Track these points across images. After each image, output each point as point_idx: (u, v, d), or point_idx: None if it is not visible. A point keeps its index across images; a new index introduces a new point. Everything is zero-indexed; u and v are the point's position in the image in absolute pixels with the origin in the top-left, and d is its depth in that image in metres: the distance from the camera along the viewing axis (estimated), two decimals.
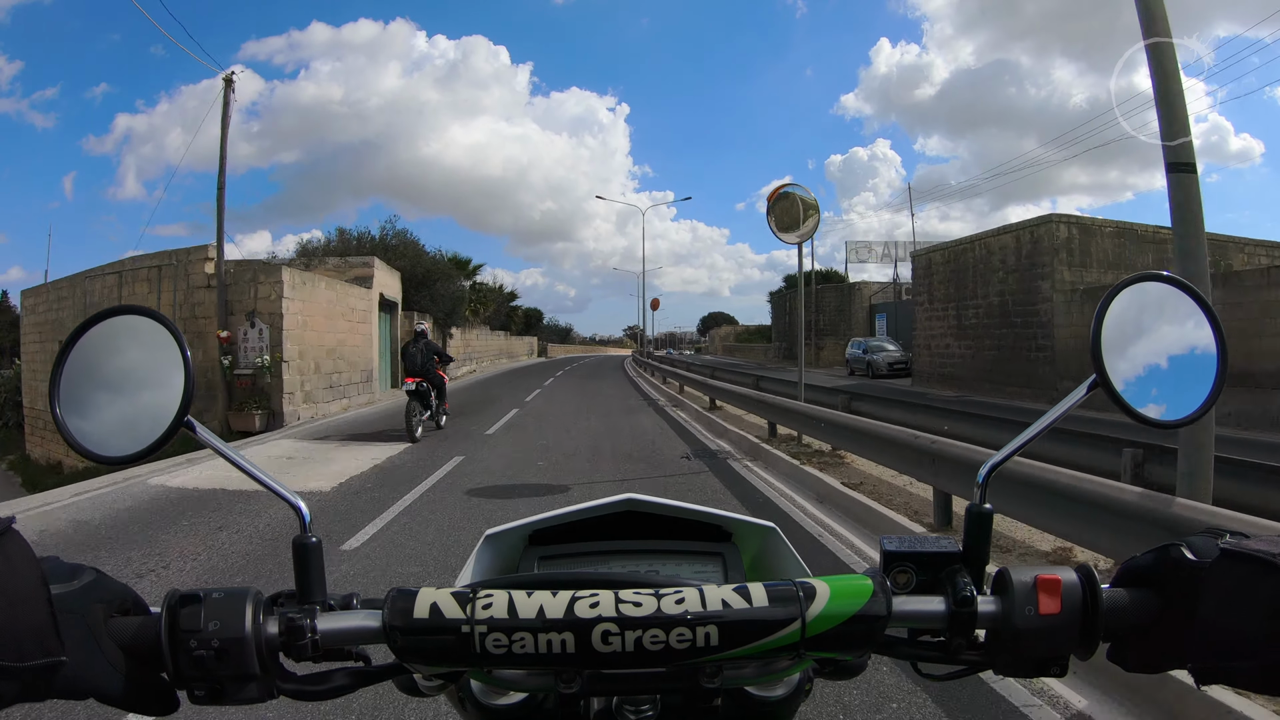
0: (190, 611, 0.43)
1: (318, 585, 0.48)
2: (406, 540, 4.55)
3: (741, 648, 0.41)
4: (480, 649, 0.41)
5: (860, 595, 0.43)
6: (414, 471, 6.88)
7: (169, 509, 5.55)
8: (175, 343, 0.52)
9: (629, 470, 6.99)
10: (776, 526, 0.65)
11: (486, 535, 0.63)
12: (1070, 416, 0.52)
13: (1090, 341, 0.52)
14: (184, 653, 0.42)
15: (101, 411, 0.53)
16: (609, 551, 0.67)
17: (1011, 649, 0.44)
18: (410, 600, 0.42)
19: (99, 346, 0.53)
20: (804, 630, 0.41)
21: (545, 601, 0.42)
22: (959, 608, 0.45)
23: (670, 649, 0.41)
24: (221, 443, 0.52)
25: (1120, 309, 0.54)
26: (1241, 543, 0.42)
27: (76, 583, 0.42)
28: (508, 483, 6.40)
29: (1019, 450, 0.52)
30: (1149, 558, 0.46)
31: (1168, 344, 0.55)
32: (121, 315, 0.53)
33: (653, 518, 0.67)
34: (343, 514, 5.23)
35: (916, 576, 0.48)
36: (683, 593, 0.42)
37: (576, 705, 0.47)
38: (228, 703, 0.43)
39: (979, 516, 0.49)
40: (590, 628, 0.40)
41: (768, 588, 0.43)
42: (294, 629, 0.44)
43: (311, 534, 0.49)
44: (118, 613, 0.44)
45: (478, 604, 0.42)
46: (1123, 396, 0.52)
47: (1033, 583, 0.44)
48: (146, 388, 0.52)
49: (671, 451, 8.16)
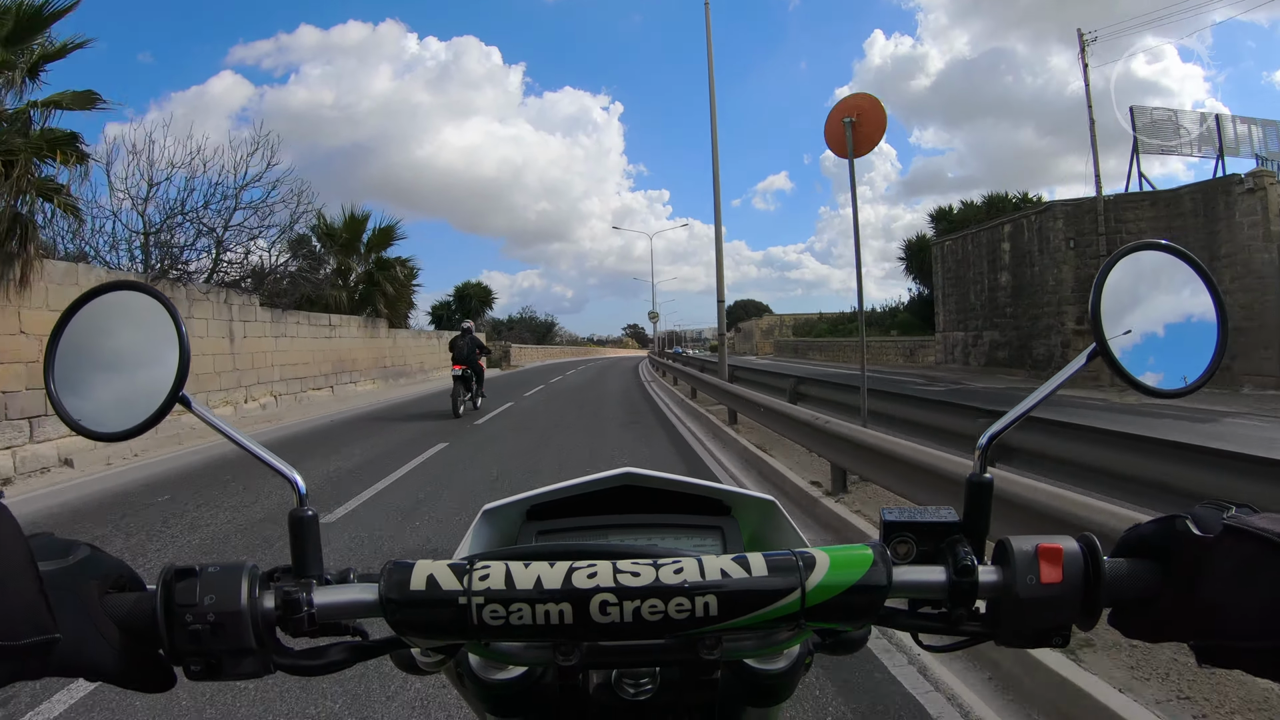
0: (186, 585, 0.42)
1: (314, 559, 0.47)
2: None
3: (741, 617, 0.41)
4: (477, 620, 0.41)
5: (860, 565, 0.42)
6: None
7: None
8: (170, 318, 0.51)
9: None
10: (775, 500, 0.65)
11: (484, 510, 0.63)
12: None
13: (1089, 311, 0.52)
14: (180, 627, 0.42)
15: (96, 388, 0.52)
16: (607, 525, 0.66)
17: (1013, 619, 0.44)
18: (407, 573, 0.42)
19: (94, 323, 0.52)
20: (804, 600, 0.41)
21: (543, 572, 0.41)
22: (960, 577, 0.45)
23: (669, 619, 0.40)
24: (217, 418, 0.51)
25: (1119, 278, 0.53)
26: (1246, 519, 0.41)
27: (70, 559, 0.42)
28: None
29: (1018, 420, 0.51)
30: (1152, 527, 0.45)
31: (1167, 313, 0.55)
32: (116, 291, 0.53)
33: (651, 491, 0.67)
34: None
35: (917, 547, 0.48)
36: (681, 563, 0.42)
37: (575, 679, 0.47)
38: (224, 678, 0.43)
39: (978, 486, 0.49)
40: (588, 598, 0.40)
41: (767, 557, 0.42)
42: (290, 603, 0.44)
43: (307, 507, 0.49)
44: (113, 588, 0.44)
45: (474, 575, 0.41)
46: (1123, 365, 0.52)
47: (1034, 552, 0.44)
48: (142, 364, 0.52)
49: None
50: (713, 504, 0.68)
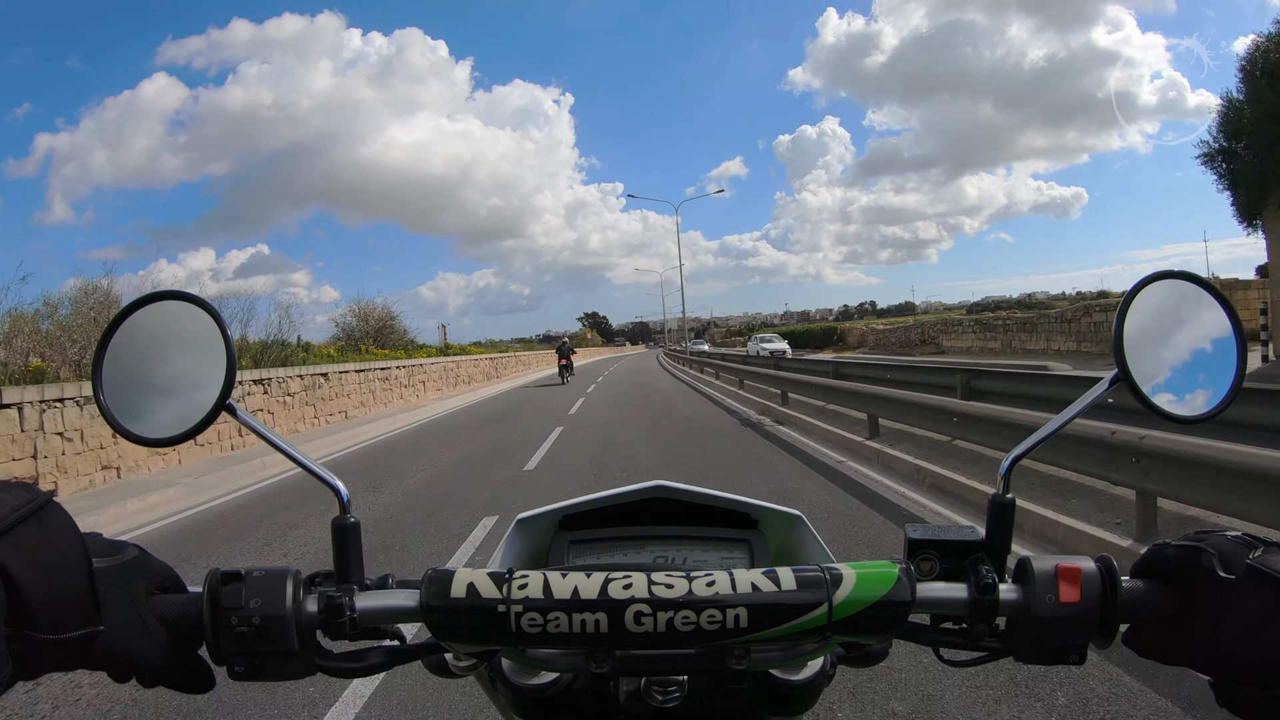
0: (232, 589, 0.44)
1: (355, 565, 0.49)
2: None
3: (770, 630, 0.42)
4: (516, 628, 0.42)
5: (885, 581, 0.43)
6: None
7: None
8: (217, 327, 0.53)
9: None
10: (802, 515, 0.66)
11: (518, 520, 0.65)
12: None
13: (1113, 338, 0.53)
14: (225, 629, 0.43)
15: (144, 395, 0.54)
16: (638, 537, 0.68)
17: (1032, 636, 0.45)
18: (447, 581, 0.43)
19: (141, 331, 0.54)
20: (830, 614, 0.42)
21: (580, 582, 0.42)
22: (981, 595, 0.46)
23: (701, 630, 0.41)
24: (263, 426, 0.53)
25: (1141, 306, 0.55)
26: (1271, 560, 0.41)
27: (120, 558, 0.43)
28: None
29: (1040, 443, 0.53)
30: (1176, 553, 0.45)
31: (1188, 340, 0.56)
32: (163, 300, 0.54)
33: (681, 504, 0.68)
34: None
35: (940, 564, 0.49)
36: (714, 576, 0.43)
37: (606, 685, 0.48)
38: (266, 678, 0.44)
39: (1001, 506, 0.50)
40: (624, 608, 0.41)
41: (795, 572, 0.43)
42: (333, 607, 0.45)
43: (350, 515, 0.50)
44: (158, 590, 0.45)
45: (514, 584, 0.43)
46: (1144, 393, 0.53)
47: (1053, 571, 0.45)
48: (189, 372, 0.54)
49: None
50: (741, 517, 0.69)
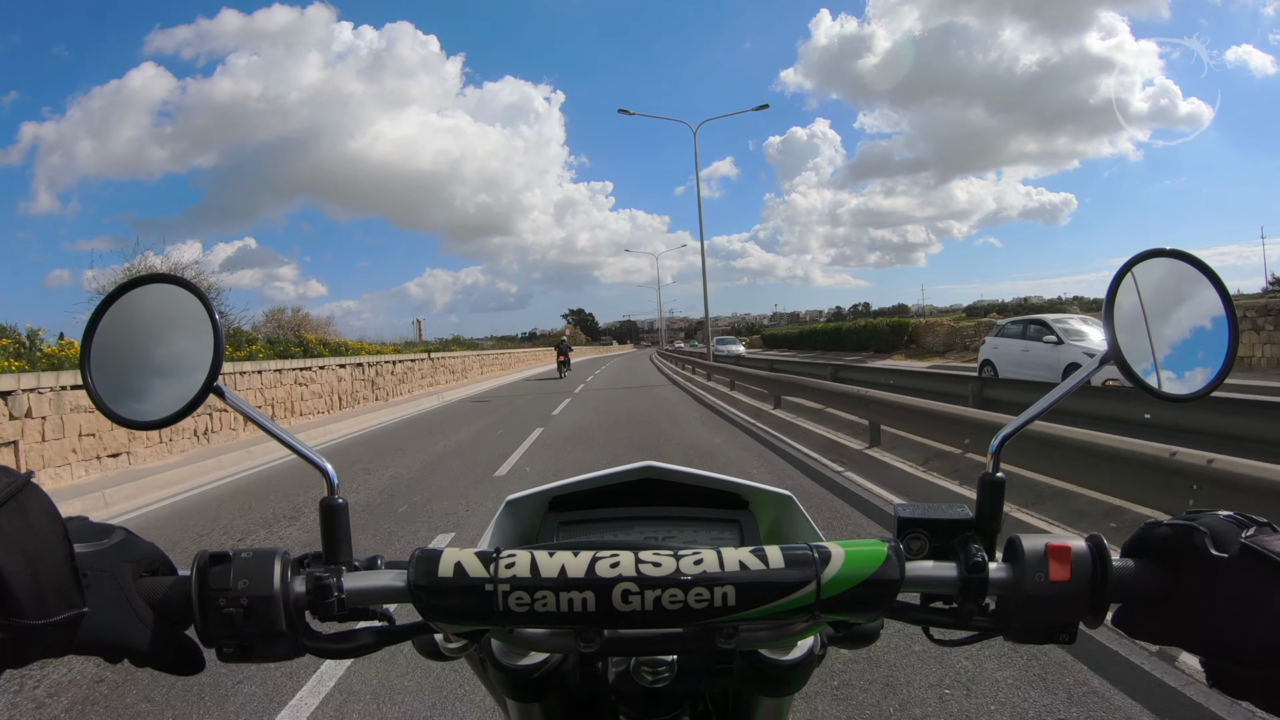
0: (220, 570, 0.44)
1: (344, 546, 0.49)
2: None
3: (758, 608, 0.42)
4: (503, 607, 0.42)
5: (874, 559, 0.43)
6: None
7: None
8: (205, 310, 0.53)
9: None
10: (792, 495, 0.66)
11: (508, 501, 0.65)
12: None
13: (1103, 316, 0.53)
14: (214, 611, 0.43)
15: (132, 378, 0.54)
16: (628, 518, 0.68)
17: (1022, 615, 0.45)
18: (435, 560, 0.43)
19: (129, 314, 0.54)
20: (819, 592, 0.42)
21: (567, 561, 0.42)
22: (971, 573, 0.46)
23: (688, 608, 0.41)
24: (251, 408, 0.53)
25: (1132, 284, 0.54)
26: (1265, 540, 0.40)
27: (106, 541, 0.43)
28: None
29: (1030, 421, 0.53)
30: (1167, 531, 0.44)
31: (1179, 318, 0.56)
32: (150, 284, 0.54)
33: (672, 485, 0.68)
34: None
35: (930, 543, 0.49)
36: (701, 554, 0.43)
37: (595, 666, 0.48)
38: (255, 660, 0.44)
39: (991, 485, 0.50)
40: (611, 587, 0.41)
41: (784, 550, 0.43)
42: (321, 588, 0.45)
43: (338, 496, 0.50)
44: (146, 573, 0.45)
45: (501, 563, 0.43)
46: (1135, 370, 0.53)
47: (1043, 550, 0.45)
48: (176, 354, 0.54)
49: None
50: (731, 498, 0.69)
